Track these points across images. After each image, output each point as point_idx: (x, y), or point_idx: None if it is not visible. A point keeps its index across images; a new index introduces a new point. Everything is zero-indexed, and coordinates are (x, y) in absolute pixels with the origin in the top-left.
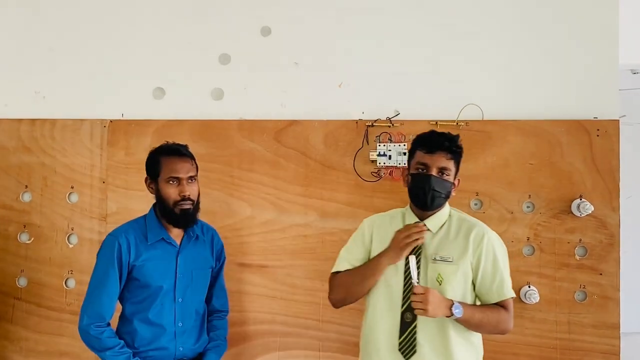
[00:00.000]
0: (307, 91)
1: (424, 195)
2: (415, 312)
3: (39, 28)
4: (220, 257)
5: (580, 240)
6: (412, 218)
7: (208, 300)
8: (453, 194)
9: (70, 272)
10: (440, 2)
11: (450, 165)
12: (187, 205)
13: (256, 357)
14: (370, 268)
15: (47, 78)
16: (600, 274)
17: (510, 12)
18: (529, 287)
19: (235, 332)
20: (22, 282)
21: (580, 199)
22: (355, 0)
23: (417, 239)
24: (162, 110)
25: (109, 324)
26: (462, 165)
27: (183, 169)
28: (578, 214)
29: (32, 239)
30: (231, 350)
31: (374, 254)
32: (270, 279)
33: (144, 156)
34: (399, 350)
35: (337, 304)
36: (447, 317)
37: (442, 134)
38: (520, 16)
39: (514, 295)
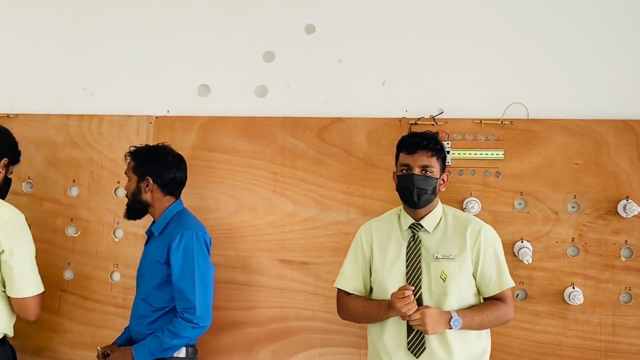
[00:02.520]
0: (350, 89)
1: (410, 194)
2: (419, 330)
3: (87, 25)
4: (170, 259)
5: (626, 241)
6: (407, 219)
7: None
8: (442, 189)
9: (115, 266)
10: (484, 2)
11: (432, 162)
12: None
13: (297, 353)
14: (379, 315)
15: (95, 75)
16: None
17: (557, 10)
18: (573, 288)
19: (277, 328)
20: (69, 274)
21: (627, 200)
22: None
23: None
24: (207, 107)
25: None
26: (506, 164)
27: None
28: (624, 215)
29: (79, 232)
30: (272, 345)
31: (375, 260)
32: (312, 275)
33: (188, 152)
34: (408, 349)
35: (344, 320)
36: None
37: (422, 133)
38: (567, 14)
39: (513, 284)
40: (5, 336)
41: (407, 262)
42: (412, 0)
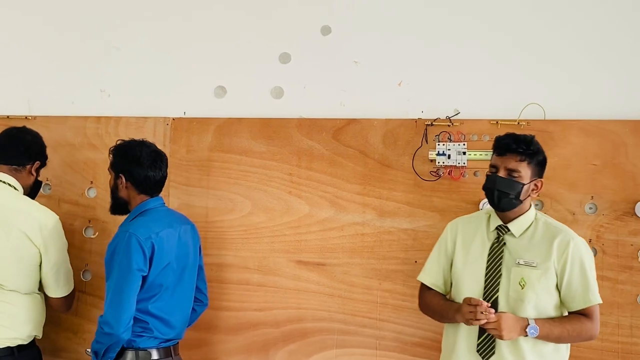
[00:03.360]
0: (366, 90)
1: (492, 195)
2: (493, 335)
3: (105, 28)
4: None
5: None
6: (495, 220)
7: None
8: (534, 195)
9: None
10: (500, 1)
11: (521, 167)
12: None
13: (313, 354)
14: (448, 316)
15: (112, 77)
16: None
17: (572, 10)
18: None
19: (293, 329)
20: (87, 276)
21: None
22: None
23: (479, 319)
24: (223, 109)
25: None
26: None
27: None
28: None
29: (97, 233)
30: (289, 346)
31: (457, 257)
32: (328, 276)
33: (205, 153)
34: (477, 351)
35: (424, 314)
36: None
37: (516, 136)
38: (582, 14)
39: (600, 301)
40: (34, 338)
41: (487, 263)
42: (427, 1)
